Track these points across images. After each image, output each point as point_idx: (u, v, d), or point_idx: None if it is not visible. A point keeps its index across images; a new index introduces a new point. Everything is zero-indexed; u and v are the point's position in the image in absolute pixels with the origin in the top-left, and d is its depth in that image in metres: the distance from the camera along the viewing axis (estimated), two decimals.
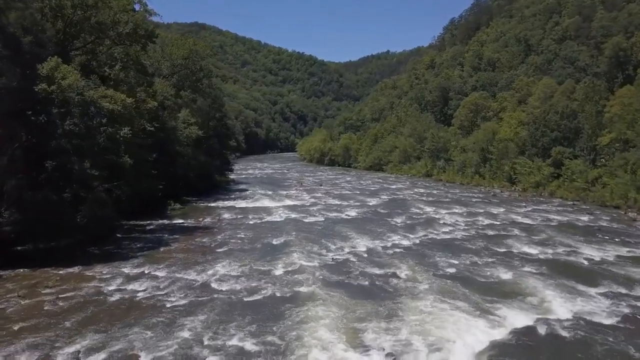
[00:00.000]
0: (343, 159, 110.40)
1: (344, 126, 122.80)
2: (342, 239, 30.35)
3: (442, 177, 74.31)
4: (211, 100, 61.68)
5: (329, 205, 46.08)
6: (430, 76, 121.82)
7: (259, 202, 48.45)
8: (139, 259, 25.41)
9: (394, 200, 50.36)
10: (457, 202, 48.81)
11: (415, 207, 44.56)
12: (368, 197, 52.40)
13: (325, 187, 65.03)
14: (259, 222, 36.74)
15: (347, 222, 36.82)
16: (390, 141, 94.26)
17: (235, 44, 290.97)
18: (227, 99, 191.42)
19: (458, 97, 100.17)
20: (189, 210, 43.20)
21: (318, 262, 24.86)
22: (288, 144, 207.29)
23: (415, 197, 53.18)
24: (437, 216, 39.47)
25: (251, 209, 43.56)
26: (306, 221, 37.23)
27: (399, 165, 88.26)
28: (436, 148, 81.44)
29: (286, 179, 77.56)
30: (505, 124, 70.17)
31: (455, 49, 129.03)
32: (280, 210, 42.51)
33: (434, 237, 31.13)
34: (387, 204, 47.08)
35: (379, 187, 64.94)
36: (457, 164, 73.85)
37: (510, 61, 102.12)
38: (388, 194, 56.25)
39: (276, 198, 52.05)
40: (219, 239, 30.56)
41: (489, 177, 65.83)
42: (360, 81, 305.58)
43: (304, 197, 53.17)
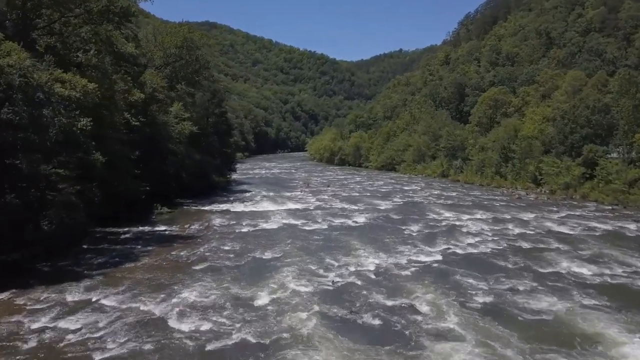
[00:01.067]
0: (353, 158, 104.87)
1: (354, 124, 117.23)
2: (346, 253, 24.95)
3: (460, 178, 68.49)
4: (210, 94, 56.63)
5: (334, 210, 40.71)
6: (445, 72, 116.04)
7: (258, 206, 43.24)
8: (93, 279, 20.28)
9: (408, 204, 44.83)
10: (479, 206, 43.13)
11: (432, 212, 39.00)
12: (379, 200, 46.92)
13: (332, 188, 59.66)
14: (253, 230, 31.46)
15: (354, 231, 31.41)
16: (403, 139, 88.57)
17: (247, 43, 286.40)
18: (237, 98, 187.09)
19: (475, 93, 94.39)
20: (178, 214, 38.09)
21: (314, 286, 19.50)
22: (299, 144, 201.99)
23: (431, 200, 47.58)
24: (458, 223, 33.87)
25: (247, 214, 38.36)
26: (307, 229, 31.87)
27: (412, 164, 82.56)
28: (452, 147, 75.64)
29: (292, 180, 72.35)
30: (528, 121, 64.24)
31: (471, 44, 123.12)
32: (279, 216, 37.24)
33: (458, 252, 25.57)
34: (401, 209, 41.60)
35: (391, 188, 59.40)
36: (475, 163, 68.00)
37: (530, 55, 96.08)
38: (401, 196, 50.70)
39: (278, 201, 46.82)
40: (200, 252, 25.33)
41: (512, 177, 59.90)
42: (372, 80, 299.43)
43: (309, 200, 47.86)
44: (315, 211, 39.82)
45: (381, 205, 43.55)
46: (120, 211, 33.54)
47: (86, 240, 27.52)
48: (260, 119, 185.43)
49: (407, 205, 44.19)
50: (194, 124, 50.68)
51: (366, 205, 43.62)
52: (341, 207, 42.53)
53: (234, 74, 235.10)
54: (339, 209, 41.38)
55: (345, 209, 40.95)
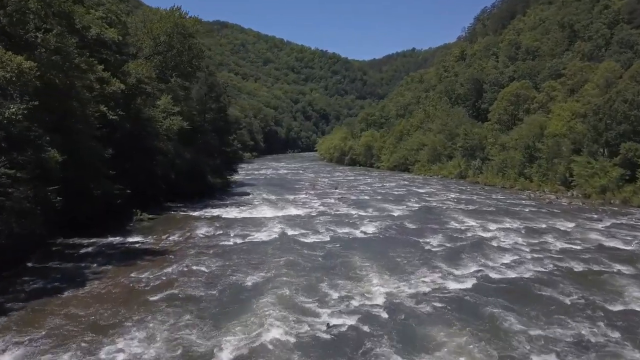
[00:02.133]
0: (364, 158, 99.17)
1: (365, 123, 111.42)
2: (350, 277, 19.49)
3: (479, 179, 62.58)
4: (207, 88, 51.49)
5: (340, 216, 35.23)
6: (460, 68, 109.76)
7: (255, 211, 37.94)
8: (11, 316, 15.08)
9: (424, 210, 39.21)
10: (507, 212, 37.35)
11: (454, 220, 33.35)
12: (392, 205, 41.35)
13: (341, 190, 54.18)
14: (240, 243, 26.11)
15: (361, 245, 25.91)
16: (417, 138, 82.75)
17: (258, 42, 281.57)
18: (247, 97, 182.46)
19: (493, 89, 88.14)
20: (160, 221, 32.90)
21: (302, 332, 14.06)
22: (309, 143, 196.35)
23: (451, 204, 41.89)
24: (487, 235, 28.19)
25: (240, 221, 33.06)
26: (305, 242, 26.43)
27: (427, 165, 76.73)
28: (470, 146, 69.73)
29: (299, 181, 66.99)
30: (555, 117, 58.15)
31: (488, 39, 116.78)
32: (276, 224, 31.87)
33: (493, 276, 19.94)
34: (417, 215, 36.00)
35: (405, 191, 53.74)
36: (496, 163, 62.05)
37: (553, 49, 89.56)
38: (417, 200, 45.06)
39: (278, 205, 41.50)
40: (166, 274, 20.02)
41: (538, 179, 53.90)
42: (385, 79, 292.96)
43: (313, 204, 42.47)
44: (318, 218, 34.38)
45: (394, 211, 37.99)
46: (94, 217, 28.60)
47: (36, 255, 22.43)
48: (270, 119, 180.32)
49: (423, 211, 38.58)
50: (186, 119, 45.73)
51: (377, 211, 38.09)
52: (348, 213, 37.05)
53: (245, 73, 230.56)
54: (345, 215, 35.91)
55: (353, 216, 35.45)
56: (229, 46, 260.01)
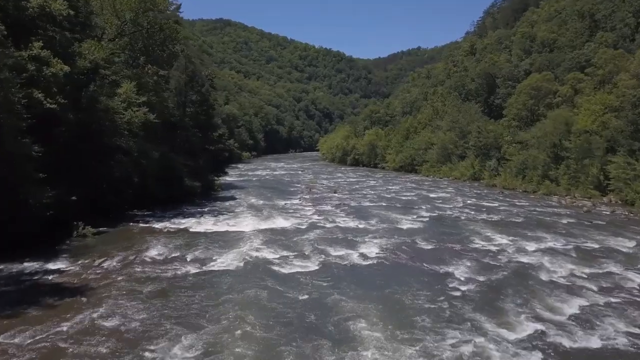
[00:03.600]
0: (368, 158, 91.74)
1: (370, 120, 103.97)
2: (335, 346, 12.30)
3: (496, 182, 55.17)
4: (187, 77, 44.39)
5: (337, 231, 28.02)
6: (470, 63, 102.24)
7: (233, 222, 30.81)
8: None
9: (439, 221, 31.95)
10: (541, 224, 30.03)
11: (478, 236, 26.09)
12: (399, 214, 34.10)
13: (340, 194, 46.99)
14: (193, 274, 18.93)
15: (359, 280, 18.62)
16: (425, 137, 75.38)
17: (261, 40, 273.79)
18: (248, 95, 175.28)
19: (507, 84, 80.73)
20: (107, 238, 25.79)
21: None
22: (312, 143, 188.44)
23: (469, 213, 34.60)
24: (527, 260, 20.92)
25: (209, 237, 25.97)
26: (282, 272, 19.23)
27: (436, 165, 69.37)
28: (484, 144, 62.42)
29: (295, 183, 59.87)
30: (583, 112, 50.75)
31: (500, 32, 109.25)
32: (253, 241, 24.73)
33: (564, 344, 12.65)
34: (431, 229, 28.76)
35: (414, 195, 46.45)
36: (515, 164, 54.68)
37: (572, 40, 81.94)
38: (428, 207, 37.79)
39: (264, 214, 34.41)
40: (53, 334, 12.87)
41: (566, 182, 46.46)
42: (390, 78, 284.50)
43: (306, 212, 35.32)
44: (308, 233, 27.19)
45: (402, 222, 30.72)
46: (21, 233, 21.64)
47: None
48: (272, 117, 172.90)
49: (438, 222, 31.31)
50: (160, 112, 38.75)
51: (381, 222, 30.83)
52: (346, 225, 29.82)
53: (247, 71, 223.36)
54: (342, 228, 28.69)
55: (351, 230, 28.23)
56: (231, 44, 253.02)
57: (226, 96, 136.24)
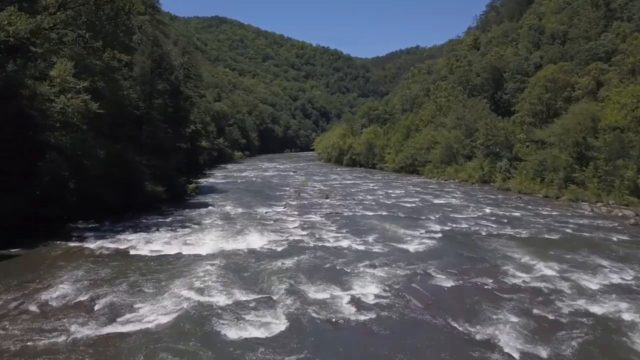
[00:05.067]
0: (366, 158, 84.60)
1: (367, 118, 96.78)
2: None
3: (510, 185, 48.18)
4: (153, 63, 37.32)
5: (321, 256, 20.97)
6: (474, 57, 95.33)
7: (192, 241, 23.81)
8: None
9: (455, 238, 24.95)
10: (587, 244, 23.05)
11: (513, 265, 19.09)
12: (403, 228, 27.09)
13: (333, 200, 39.99)
14: (94, 339, 11.98)
15: (349, 353, 11.68)
16: (427, 135, 68.33)
17: (257, 38, 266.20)
18: (242, 93, 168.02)
19: (517, 78, 73.75)
20: (7, 265, 18.76)
21: None
22: (309, 142, 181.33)
23: (491, 227, 27.59)
24: (600, 310, 13.95)
25: (151, 264, 18.99)
26: (232, 339, 12.23)
27: (440, 166, 62.35)
28: (494, 143, 55.45)
29: (284, 186, 52.86)
30: (611, 105, 43.91)
31: (505, 25, 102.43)
32: (207, 274, 17.74)
33: None
34: (447, 252, 21.74)
35: (419, 201, 39.42)
36: (531, 165, 47.72)
37: (586, 31, 75.08)
38: (438, 218, 30.76)
39: (237, 227, 27.45)
40: None
41: (595, 187, 39.47)
42: (388, 77, 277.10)
43: (288, 226, 28.33)
44: (285, 259, 20.16)
45: (408, 241, 23.71)
46: None
47: None
48: (267, 116, 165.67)
49: (454, 241, 24.31)
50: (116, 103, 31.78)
51: (381, 241, 23.82)
52: (336, 246, 22.80)
53: (242, 69, 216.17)
54: (330, 251, 21.68)
55: (342, 254, 21.21)
56: (227, 42, 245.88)
57: (218, 93, 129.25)
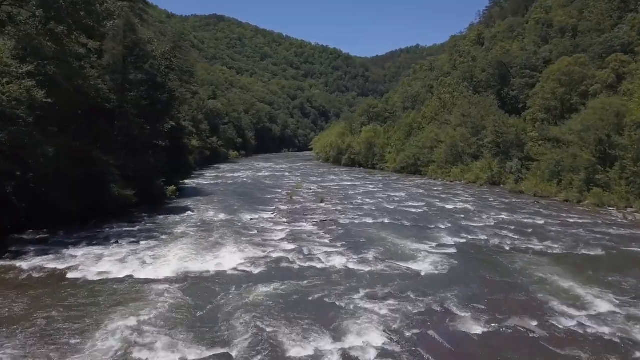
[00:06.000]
0: (365, 157, 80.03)
1: (367, 116, 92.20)
2: None
3: (523, 187, 43.65)
4: (125, 50, 32.77)
5: (309, 282, 16.39)
6: (479, 52, 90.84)
7: (151, 258, 19.32)
8: None
9: (475, 255, 20.38)
10: (638, 262, 18.56)
11: (554, 295, 14.52)
12: (410, 241, 22.53)
13: (328, 204, 35.43)
14: None
15: None
16: (431, 133, 63.78)
17: (256, 37, 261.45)
18: (239, 92, 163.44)
19: (524, 74, 69.32)
20: None
21: None
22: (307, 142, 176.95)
23: (513, 238, 23.03)
24: None
25: (86, 293, 14.46)
26: None
27: (445, 166, 57.78)
28: (504, 142, 50.95)
29: (277, 188, 48.34)
30: (637, 99, 39.37)
31: (510, 20, 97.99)
32: (152, 309, 13.23)
33: None
34: (469, 276, 17.13)
35: (425, 206, 34.82)
36: (545, 166, 43.24)
37: (599, 23, 70.59)
38: (449, 227, 26.20)
39: (212, 239, 22.94)
40: None
41: (623, 190, 34.91)
42: (388, 76, 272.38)
43: (274, 237, 23.82)
44: (260, 287, 15.61)
45: (417, 259, 19.14)
46: None
47: None
48: (264, 115, 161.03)
49: (474, 259, 19.76)
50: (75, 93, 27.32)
51: (384, 259, 19.26)
52: (328, 266, 18.25)
53: (240, 68, 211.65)
54: (320, 274, 17.12)
55: (335, 278, 16.65)
56: (224, 40, 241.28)
57: (213, 91, 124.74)
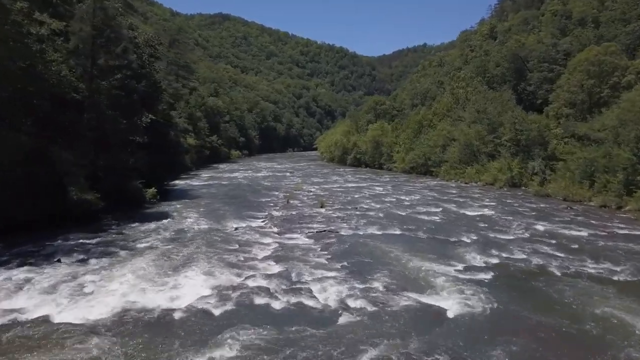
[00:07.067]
0: (372, 157, 74.94)
1: (374, 113, 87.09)
2: None
3: (550, 190, 38.49)
4: (93, 30, 28.03)
5: (289, 332, 11.49)
6: (491, 46, 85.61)
7: (95, 285, 14.53)
8: None
9: (514, 283, 15.33)
10: None
11: None
12: (427, 260, 17.55)
13: (328, 210, 30.49)
14: None
15: None
16: (443, 130, 58.64)
17: (261, 35, 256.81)
18: (243, 90, 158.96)
19: (543, 67, 64.11)
20: None
21: None
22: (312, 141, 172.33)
23: (559, 258, 17.97)
24: None
25: None
26: None
27: (459, 167, 52.63)
28: (526, 139, 45.83)
29: (274, 190, 43.51)
30: None
31: (524, 13, 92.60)
32: None
33: None
34: (513, 317, 12.13)
35: (441, 212, 29.74)
36: (574, 166, 38.11)
37: (624, 13, 65.23)
38: (475, 241, 21.16)
39: (180, 257, 18.09)
40: None
41: None
42: (395, 75, 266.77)
43: (258, 254, 18.95)
44: (217, 350, 10.74)
45: (439, 291, 14.13)
46: None
47: None
48: (268, 114, 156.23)
49: (514, 288, 14.73)
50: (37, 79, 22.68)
51: (396, 288, 14.28)
52: (321, 304, 13.28)
53: (244, 66, 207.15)
54: (309, 318, 12.18)
55: (329, 325, 11.69)
56: (229, 39, 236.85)
57: (215, 88, 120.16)
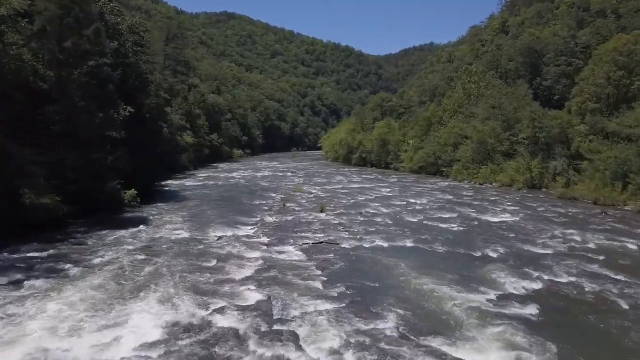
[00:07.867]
0: (378, 157, 70.95)
1: (380, 111, 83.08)
2: None
3: (576, 193, 34.44)
4: (59, 8, 24.42)
5: None
6: (504, 41, 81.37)
7: (10, 320, 10.75)
8: None
9: (568, 323, 11.45)
10: None
11: None
12: (448, 285, 13.71)
13: (329, 215, 26.66)
14: None
15: None
16: (454, 128, 54.59)
17: (267, 34, 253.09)
18: (247, 89, 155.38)
19: (561, 61, 59.97)
20: None
21: None
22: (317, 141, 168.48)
23: (616, 281, 14.12)
24: None
25: None
26: None
27: (473, 167, 48.59)
28: (548, 137, 41.83)
29: (272, 191, 39.77)
30: None
31: (538, 6, 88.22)
32: None
33: None
34: None
35: (458, 219, 25.81)
36: (604, 166, 34.07)
37: None
38: (504, 256, 17.29)
39: (139, 278, 14.34)
40: None
41: None
42: (401, 74, 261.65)
43: (234, 277, 15.16)
44: None
45: (474, 337, 10.32)
46: None
47: None
48: (272, 113, 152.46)
49: (568, 331, 10.88)
50: None
51: (411, 333, 10.48)
52: (313, 358, 9.58)
53: (249, 65, 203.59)
54: None
55: None
56: (234, 38, 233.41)
57: (217, 86, 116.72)
